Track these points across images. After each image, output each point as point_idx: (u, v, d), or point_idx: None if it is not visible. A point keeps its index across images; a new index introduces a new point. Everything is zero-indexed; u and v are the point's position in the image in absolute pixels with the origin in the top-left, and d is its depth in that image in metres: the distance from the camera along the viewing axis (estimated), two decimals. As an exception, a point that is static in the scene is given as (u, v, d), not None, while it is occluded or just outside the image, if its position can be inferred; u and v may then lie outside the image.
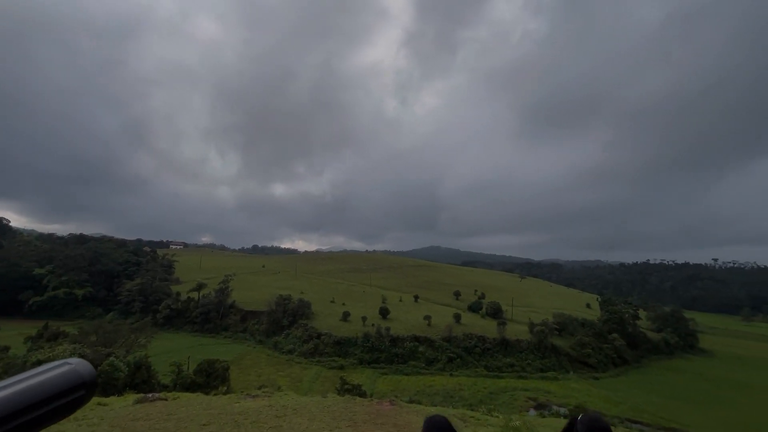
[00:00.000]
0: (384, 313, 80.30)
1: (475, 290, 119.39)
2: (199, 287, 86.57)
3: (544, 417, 30.64)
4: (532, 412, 46.69)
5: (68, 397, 0.52)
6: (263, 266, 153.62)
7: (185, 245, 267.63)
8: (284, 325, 74.40)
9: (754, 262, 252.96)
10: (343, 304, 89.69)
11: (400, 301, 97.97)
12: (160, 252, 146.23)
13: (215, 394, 14.20)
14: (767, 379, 79.10)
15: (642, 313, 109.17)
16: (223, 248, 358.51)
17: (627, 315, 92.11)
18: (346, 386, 33.74)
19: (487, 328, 78.53)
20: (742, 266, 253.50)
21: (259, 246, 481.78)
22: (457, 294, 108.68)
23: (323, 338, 68.29)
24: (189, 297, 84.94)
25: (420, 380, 59.80)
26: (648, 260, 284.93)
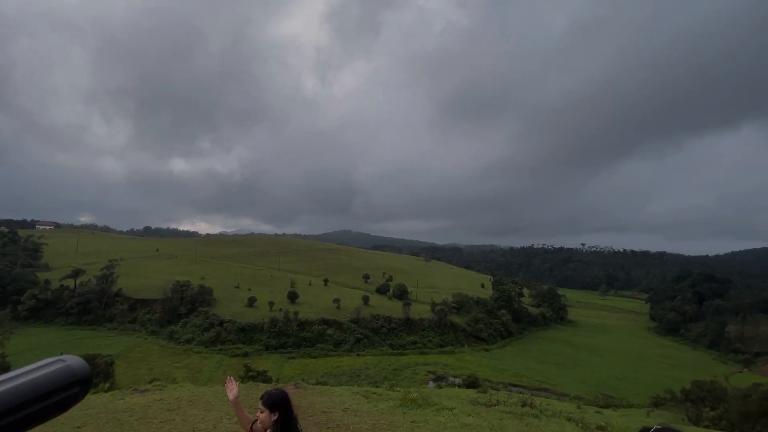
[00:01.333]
0: (292, 297, 78.99)
1: (384, 273, 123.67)
2: (76, 274, 75.55)
3: (441, 388, 33.43)
4: (431, 383, 50.57)
5: (62, 394, 0.53)
6: (157, 250, 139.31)
7: (57, 226, 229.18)
8: (181, 313, 68.85)
9: (611, 247, 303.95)
10: (249, 289, 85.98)
11: (310, 285, 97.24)
12: (22, 233, 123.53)
13: (95, 393, 12.68)
14: (615, 343, 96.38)
15: (525, 291, 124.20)
16: (107, 230, 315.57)
17: (514, 293, 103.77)
18: (250, 373, 32.70)
19: (394, 308, 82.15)
20: (603, 250, 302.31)
21: (153, 228, 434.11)
22: (366, 277, 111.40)
23: (226, 325, 64.89)
24: (62, 285, 73.58)
25: (328, 362, 60.52)
26: (533, 245, 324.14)
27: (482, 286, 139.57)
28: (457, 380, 46.43)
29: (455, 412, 8.43)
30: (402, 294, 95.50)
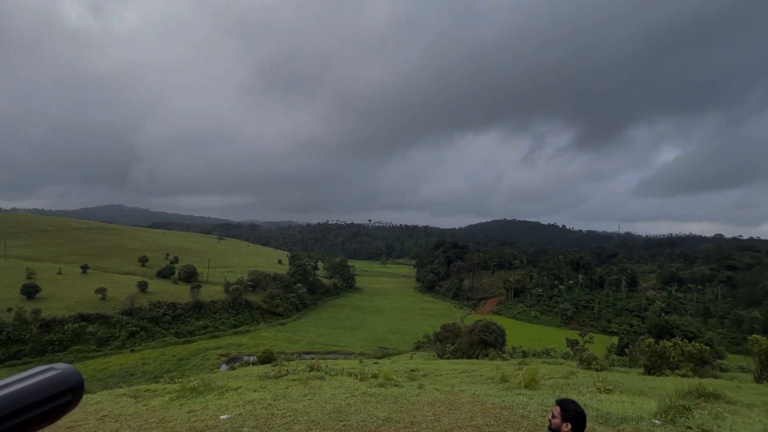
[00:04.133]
0: (30, 291, 60.54)
1: (167, 254, 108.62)
2: None
3: (234, 369, 32.37)
4: (224, 366, 48.34)
5: (55, 402, 0.53)
6: None
7: None
8: None
9: (391, 222, 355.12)
10: (-51, 287, 61.22)
11: (59, 273, 76.45)
12: None
13: None
14: (391, 302, 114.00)
15: (320, 264, 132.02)
16: None
17: (309, 267, 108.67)
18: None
19: (180, 293, 73.65)
20: (385, 225, 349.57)
21: None
22: (143, 260, 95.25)
23: None
24: None
25: (90, 365, 49.66)
26: (328, 221, 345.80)
27: (280, 262, 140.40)
28: (252, 358, 45.89)
29: (240, 391, 8.37)
30: (190, 276, 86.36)
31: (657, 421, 6.42)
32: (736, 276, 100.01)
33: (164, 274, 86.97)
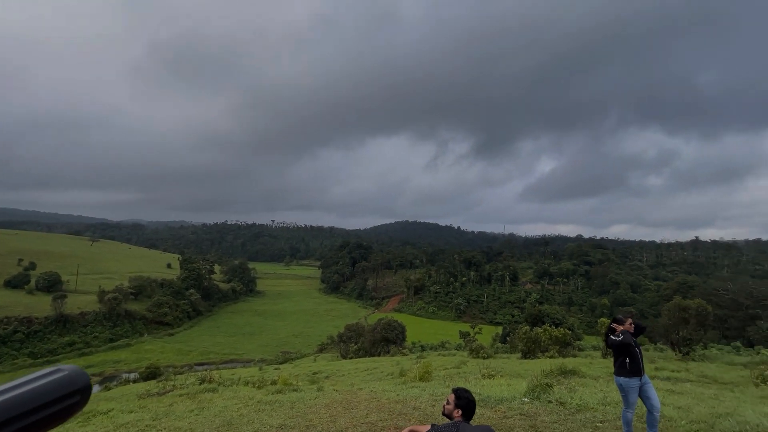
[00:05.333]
0: None
1: (20, 260, 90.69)
2: None
3: (109, 389, 28.33)
4: (97, 388, 42.03)
5: (63, 404, 0.53)
6: None
7: None
8: None
9: (296, 223, 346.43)
10: None
11: None
12: None
13: None
14: (295, 305, 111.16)
15: (217, 267, 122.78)
16: None
17: (204, 271, 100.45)
18: None
19: (37, 305, 62.12)
20: (289, 226, 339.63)
21: None
22: (-16, 267, 78.02)
23: None
24: None
25: None
26: (227, 221, 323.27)
27: (169, 266, 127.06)
28: (133, 375, 40.79)
29: (112, 414, 7.39)
30: (52, 285, 73.34)
31: (526, 399, 7.39)
32: (591, 270, 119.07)
33: (15, 284, 72.51)
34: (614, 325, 5.62)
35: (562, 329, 26.28)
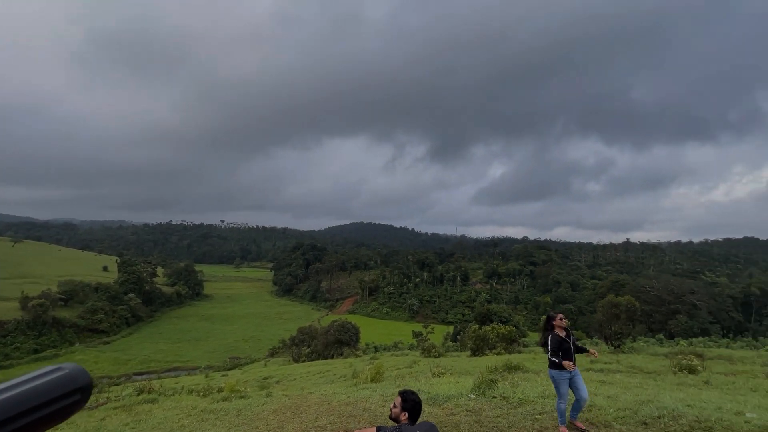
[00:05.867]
0: None
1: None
2: None
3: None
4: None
5: (63, 402, 0.54)
6: None
7: None
8: None
9: (246, 223, 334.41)
10: None
11: None
12: None
13: None
14: (245, 309, 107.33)
15: (160, 270, 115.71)
16: None
17: (145, 274, 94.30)
18: None
19: (-56, 315, 55.27)
20: (240, 226, 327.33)
21: None
22: None
23: None
24: None
25: None
26: (171, 221, 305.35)
27: (105, 269, 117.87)
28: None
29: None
30: (-37, 292, 65.51)
31: (472, 395, 7.67)
32: (536, 270, 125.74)
33: None
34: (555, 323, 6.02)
35: (508, 327, 27.51)
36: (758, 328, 65.54)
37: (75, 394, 0.54)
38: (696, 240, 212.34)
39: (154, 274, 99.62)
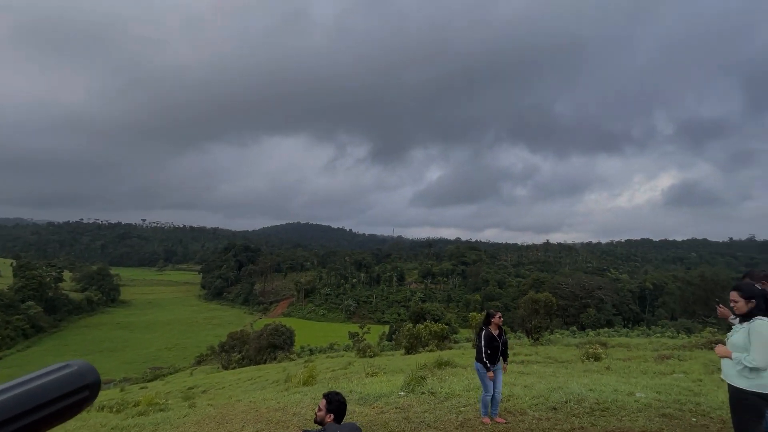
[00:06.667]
0: None
1: None
2: None
3: None
4: None
5: (72, 399, 0.55)
6: None
7: None
8: None
9: (172, 223, 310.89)
10: None
11: None
12: None
13: None
14: (168, 315, 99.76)
15: (67, 274, 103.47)
16: None
17: (49, 279, 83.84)
18: None
19: None
20: (164, 226, 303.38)
21: None
22: None
23: None
24: None
25: None
26: (82, 219, 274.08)
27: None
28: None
29: None
30: None
31: (402, 393, 7.89)
32: (467, 269, 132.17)
33: None
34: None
35: (440, 324, 28.62)
36: (651, 318, 74.89)
37: (83, 391, 0.55)
38: (604, 241, 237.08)
39: (59, 278, 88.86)
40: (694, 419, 5.69)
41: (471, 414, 6.43)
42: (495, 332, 6.34)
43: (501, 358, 6.33)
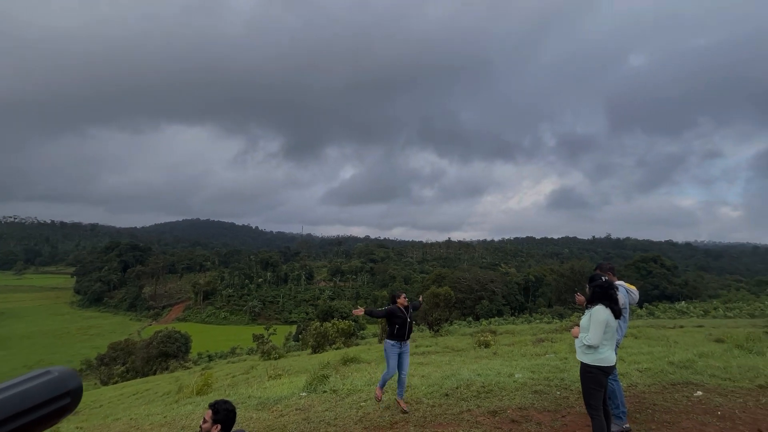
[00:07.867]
0: None
1: None
2: None
3: None
4: None
5: (53, 406, 0.53)
6: None
7: None
8: None
9: (35, 218, 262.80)
10: None
11: None
12: None
13: None
14: (30, 327, 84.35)
15: None
16: None
17: None
18: None
19: None
20: (24, 221, 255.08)
21: None
22: None
23: None
24: None
25: None
26: None
27: None
28: None
29: None
30: None
31: (304, 393, 7.80)
32: (375, 266, 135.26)
33: None
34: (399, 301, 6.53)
35: (347, 322, 28.87)
36: (533, 306, 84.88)
37: (65, 398, 0.54)
38: (497, 239, 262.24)
39: None
40: (558, 393, 6.61)
41: (371, 408, 6.61)
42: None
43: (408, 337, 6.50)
